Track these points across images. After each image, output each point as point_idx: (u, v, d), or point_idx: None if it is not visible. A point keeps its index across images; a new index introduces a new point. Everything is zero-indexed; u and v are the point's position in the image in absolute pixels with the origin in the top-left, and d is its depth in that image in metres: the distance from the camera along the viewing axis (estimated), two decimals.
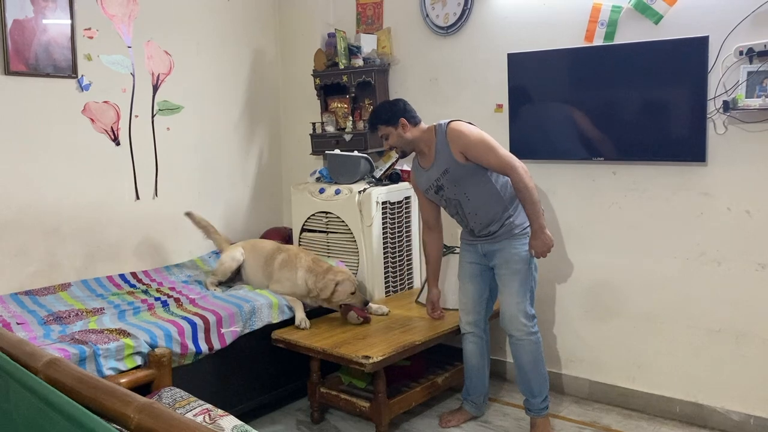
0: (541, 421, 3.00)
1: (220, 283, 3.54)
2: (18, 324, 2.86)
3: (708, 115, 2.92)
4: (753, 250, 2.92)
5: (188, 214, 3.75)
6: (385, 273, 3.74)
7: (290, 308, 3.30)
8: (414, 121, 3.02)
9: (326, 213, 3.81)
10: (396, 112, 3.00)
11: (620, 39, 3.14)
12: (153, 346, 2.72)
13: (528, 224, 2.90)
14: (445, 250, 3.57)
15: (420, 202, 3.23)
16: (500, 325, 3.04)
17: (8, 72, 3.14)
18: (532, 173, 3.45)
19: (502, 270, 2.97)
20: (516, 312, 2.93)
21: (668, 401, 3.19)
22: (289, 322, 3.27)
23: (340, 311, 3.32)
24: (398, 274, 3.84)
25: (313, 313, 3.37)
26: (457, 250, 3.56)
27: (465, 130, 2.88)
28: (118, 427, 1.43)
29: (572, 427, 3.14)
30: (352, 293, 3.26)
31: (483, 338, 3.16)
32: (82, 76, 3.41)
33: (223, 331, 3.01)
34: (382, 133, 3.03)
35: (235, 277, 3.62)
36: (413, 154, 3.08)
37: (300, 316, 3.26)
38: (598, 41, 3.21)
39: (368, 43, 3.93)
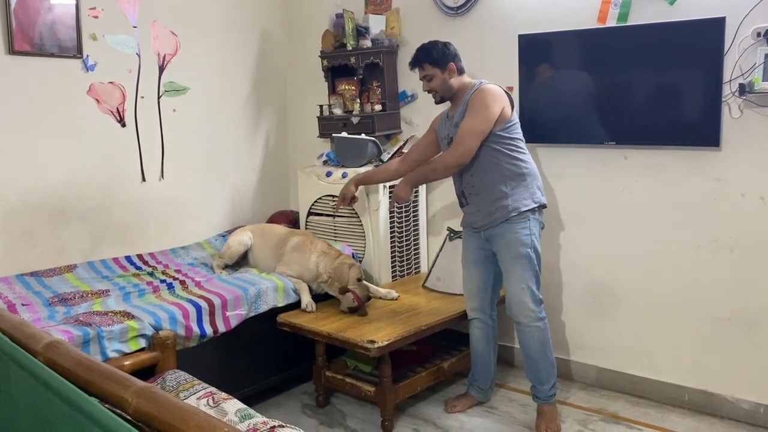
0: (549, 409, 2.97)
1: (226, 267, 3.53)
2: (23, 305, 2.86)
3: (723, 99, 2.85)
4: (766, 237, 2.87)
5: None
6: (391, 257, 3.71)
7: (296, 292, 3.28)
8: (461, 69, 2.92)
9: (333, 196, 3.78)
10: (447, 55, 2.88)
11: (634, 20, 3.07)
12: (157, 329, 2.71)
13: (525, 208, 2.83)
14: (452, 234, 3.54)
15: (421, 139, 3.24)
16: (507, 312, 2.99)
17: (13, 52, 3.11)
18: (542, 157, 3.43)
19: (503, 255, 2.90)
20: (522, 298, 2.86)
21: (677, 389, 3.16)
22: (295, 306, 3.26)
23: (338, 293, 3.29)
24: (405, 258, 3.81)
25: (319, 298, 3.35)
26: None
27: (485, 89, 2.81)
28: (117, 410, 1.42)
29: (580, 414, 3.12)
30: (359, 279, 3.24)
31: (489, 324, 3.11)
32: (87, 56, 3.38)
33: (228, 314, 3.00)
34: (427, 73, 2.89)
35: (242, 260, 3.61)
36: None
37: (306, 299, 3.24)
38: (611, 22, 3.13)
39: (377, 24, 3.87)
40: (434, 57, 2.87)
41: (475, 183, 2.88)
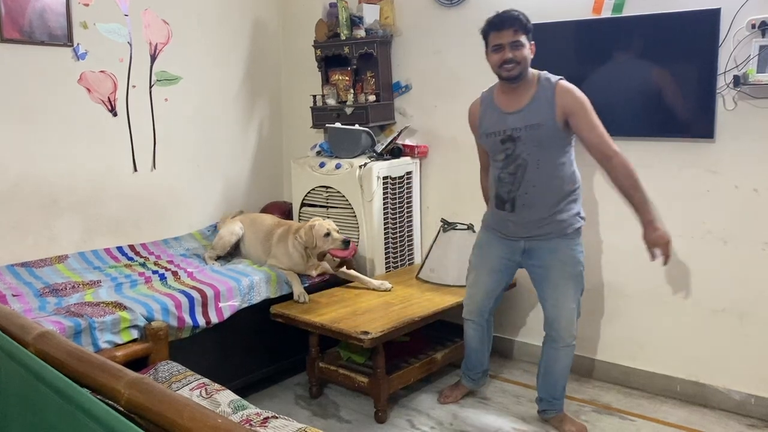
0: (563, 414, 2.90)
1: (219, 258, 3.51)
2: (13, 296, 2.83)
3: (717, 91, 2.85)
4: (760, 229, 2.87)
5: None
6: (385, 248, 3.70)
7: (288, 283, 3.27)
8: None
9: (326, 187, 3.77)
10: (531, 33, 2.59)
11: (629, 11, 3.06)
12: (149, 320, 2.70)
13: (579, 224, 2.70)
14: (446, 226, 3.54)
15: (476, 141, 2.90)
16: (547, 330, 2.82)
17: (2, 40, 3.07)
18: None
19: (554, 272, 2.70)
20: (572, 317, 2.73)
21: (669, 380, 3.18)
22: (288, 297, 3.25)
23: (320, 260, 3.33)
24: (399, 249, 3.81)
25: (312, 289, 3.34)
26: (460, 226, 3.52)
27: (576, 91, 2.59)
28: (109, 401, 1.40)
29: (573, 405, 3.13)
30: (326, 234, 3.23)
31: (484, 327, 3.03)
32: (78, 44, 3.34)
33: (220, 305, 2.99)
34: (518, 39, 2.54)
35: (235, 251, 3.59)
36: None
37: (298, 290, 3.23)
38: (606, 13, 3.12)
39: (371, 14, 3.84)
40: (527, 26, 2.56)
41: (533, 192, 2.63)
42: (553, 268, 2.70)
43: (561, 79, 2.62)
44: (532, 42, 2.59)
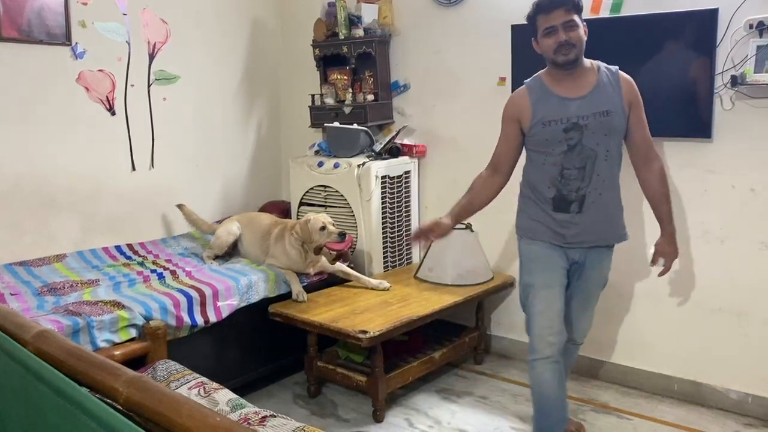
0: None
1: (217, 257, 3.51)
2: (12, 295, 2.83)
3: (715, 91, 2.86)
4: (757, 228, 2.88)
5: (180, 206, 3.75)
6: (383, 248, 3.71)
7: (287, 282, 3.27)
8: None
9: (325, 187, 3.77)
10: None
11: (627, 11, 3.06)
12: (148, 319, 2.70)
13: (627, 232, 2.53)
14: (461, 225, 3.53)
15: (503, 137, 2.50)
16: (569, 334, 2.54)
17: (0, 38, 3.07)
18: None
19: (592, 285, 2.51)
20: (591, 324, 2.67)
21: (667, 379, 3.18)
22: (286, 296, 3.25)
23: (317, 254, 3.35)
24: (397, 249, 3.81)
25: (311, 288, 3.34)
26: (458, 225, 3.51)
27: (635, 84, 2.41)
28: (108, 400, 1.41)
29: (570, 404, 3.12)
30: (322, 228, 3.24)
31: (560, 361, 2.46)
32: (77, 43, 3.34)
33: (219, 304, 2.99)
34: (571, 18, 2.27)
35: (233, 251, 3.59)
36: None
37: (297, 288, 3.23)
38: (605, 13, 3.13)
39: (369, 13, 3.84)
40: (579, 4, 2.30)
41: (603, 188, 2.36)
42: (591, 281, 2.51)
43: (618, 68, 2.42)
44: (584, 22, 2.32)
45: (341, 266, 3.46)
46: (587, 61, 2.37)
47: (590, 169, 2.31)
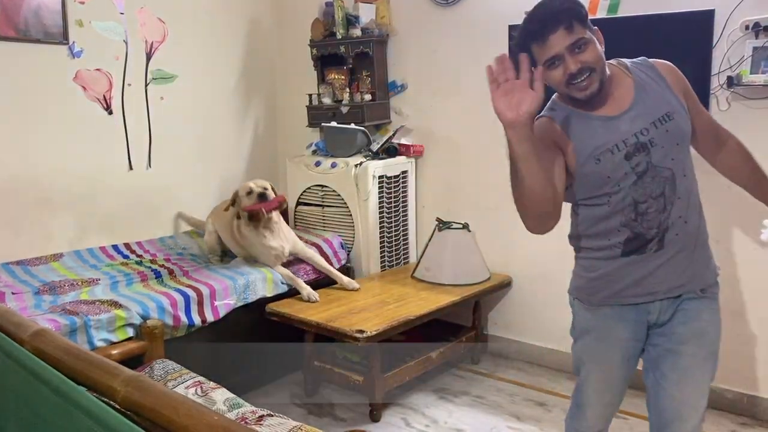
0: None
1: (223, 255, 3.50)
2: (13, 294, 2.83)
3: (711, 91, 2.87)
4: (752, 229, 2.89)
5: (179, 215, 3.78)
6: (380, 247, 3.71)
7: (285, 282, 3.27)
8: None
9: (322, 186, 3.77)
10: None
11: (624, 12, 3.07)
12: (145, 318, 2.70)
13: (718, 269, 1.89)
14: (441, 225, 3.54)
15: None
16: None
17: None
18: None
19: (688, 350, 1.79)
20: (700, 419, 1.87)
21: None
22: (285, 296, 3.25)
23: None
24: (394, 248, 3.82)
25: (315, 286, 3.33)
26: (455, 225, 3.53)
27: (671, 63, 1.89)
28: (106, 399, 1.41)
29: (568, 404, 3.14)
30: (249, 193, 3.22)
31: None
32: (74, 42, 3.34)
33: (216, 303, 2.99)
34: (580, 37, 1.65)
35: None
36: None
37: (306, 290, 3.21)
38: (602, 14, 3.14)
39: (367, 13, 3.85)
40: (582, 12, 1.68)
41: (687, 215, 1.79)
42: (687, 344, 1.79)
43: (645, 58, 1.93)
44: (595, 27, 1.73)
45: (314, 255, 3.42)
46: (610, 65, 1.82)
47: (670, 194, 1.75)
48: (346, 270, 3.67)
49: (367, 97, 3.83)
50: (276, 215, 3.30)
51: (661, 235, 1.76)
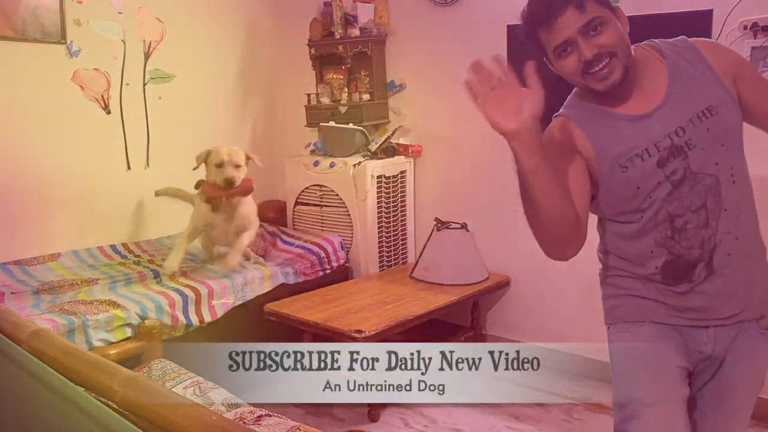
0: None
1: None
2: (12, 293, 2.83)
3: None
4: None
5: (158, 192, 3.68)
6: (379, 247, 3.71)
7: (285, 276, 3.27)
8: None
9: (320, 186, 3.77)
10: None
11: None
12: (143, 318, 2.70)
13: None
14: (440, 225, 3.54)
15: (568, 178, 1.55)
16: None
17: None
18: None
19: (738, 394, 1.56)
20: None
21: None
22: (283, 296, 3.25)
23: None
24: (392, 248, 3.82)
25: (307, 287, 3.33)
26: (453, 225, 3.53)
27: (718, 42, 1.65)
28: (104, 399, 1.40)
29: (565, 404, 3.14)
30: (218, 165, 3.15)
31: None
32: (72, 42, 3.33)
33: (214, 303, 2.99)
34: (590, 17, 1.42)
35: (233, 239, 3.51)
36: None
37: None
38: None
39: (365, 13, 3.85)
40: None
41: (738, 230, 1.47)
42: (738, 388, 1.55)
43: (685, 37, 1.59)
44: (617, 3, 1.49)
45: (245, 239, 3.24)
46: (640, 49, 1.56)
47: (713, 206, 1.45)
48: (345, 270, 3.67)
49: (366, 96, 3.83)
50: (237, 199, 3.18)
51: (708, 257, 1.45)
